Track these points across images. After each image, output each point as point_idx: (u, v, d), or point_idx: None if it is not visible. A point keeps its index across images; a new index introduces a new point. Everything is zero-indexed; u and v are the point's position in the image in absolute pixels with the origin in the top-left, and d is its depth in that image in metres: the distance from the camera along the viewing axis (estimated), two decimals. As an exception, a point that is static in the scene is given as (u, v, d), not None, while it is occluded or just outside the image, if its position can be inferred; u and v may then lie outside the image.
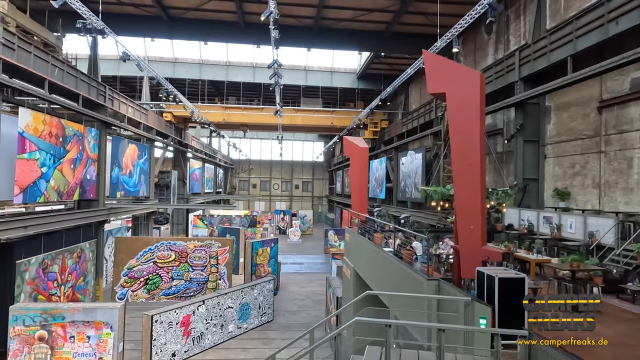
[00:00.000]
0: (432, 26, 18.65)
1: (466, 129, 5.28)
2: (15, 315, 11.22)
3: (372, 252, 8.70)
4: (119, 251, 18.13)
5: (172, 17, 17.75)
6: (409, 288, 5.81)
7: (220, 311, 14.43)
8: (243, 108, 28.51)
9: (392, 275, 7.18)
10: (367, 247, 9.36)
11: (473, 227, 5.15)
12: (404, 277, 6.18)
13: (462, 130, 5.32)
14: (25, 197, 12.81)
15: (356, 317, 4.57)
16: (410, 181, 23.06)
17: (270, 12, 10.15)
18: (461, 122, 5.33)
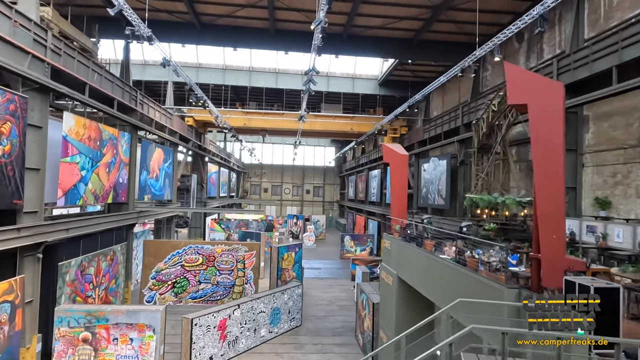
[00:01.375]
0: (461, 34, 18.81)
1: (549, 138, 5.37)
2: (61, 317, 11.37)
3: (425, 259, 8.75)
4: (148, 254, 18.27)
5: (203, 24, 18.00)
6: (483, 296, 5.87)
7: (253, 315, 14.52)
8: (264, 113, 28.73)
9: (454, 283, 7.23)
10: (416, 254, 9.42)
11: (556, 237, 5.22)
12: (475, 286, 6.23)
13: (544, 140, 5.40)
14: (66, 200, 13.00)
15: (472, 324, 4.58)
16: (433, 188, 23.08)
17: (320, 21, 10.32)
18: (543, 132, 5.41)
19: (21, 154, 10.53)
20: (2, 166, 9.88)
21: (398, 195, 12.43)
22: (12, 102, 10.11)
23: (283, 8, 16.60)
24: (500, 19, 17.16)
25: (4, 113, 9.87)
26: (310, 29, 18.55)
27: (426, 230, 9.71)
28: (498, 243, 7.10)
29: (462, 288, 7.00)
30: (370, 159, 40.98)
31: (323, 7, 10.01)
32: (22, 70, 10.21)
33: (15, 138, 10.28)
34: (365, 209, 42.58)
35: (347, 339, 15.67)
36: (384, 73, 25.83)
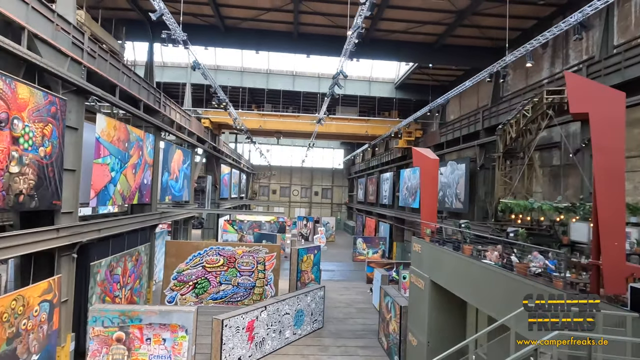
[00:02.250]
0: (483, 39, 18.88)
1: (610, 146, 5.45)
2: (95, 316, 11.51)
3: (464, 263, 8.82)
4: (169, 255, 18.41)
5: (227, 27, 18.15)
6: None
7: (279, 317, 14.61)
8: (279, 115, 28.88)
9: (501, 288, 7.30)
10: (453, 258, 9.48)
11: (618, 244, 5.29)
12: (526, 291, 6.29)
13: (606, 148, 5.48)
14: (98, 200, 13.15)
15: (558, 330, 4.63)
16: (450, 191, 23.11)
17: (358, 27, 10.43)
18: (605, 140, 5.49)
19: (60, 156, 10.69)
20: (44, 167, 10.03)
21: (428, 199, 12.50)
22: (53, 104, 10.28)
23: (308, 12, 16.73)
24: (523, 24, 17.23)
25: (46, 115, 10.03)
26: (334, 33, 18.79)
27: (463, 235, 9.77)
28: (553, 249, 7.16)
29: (511, 293, 7.07)
30: (382, 161, 41.03)
31: (361, 13, 10.13)
32: (64, 72, 10.37)
33: (55, 140, 10.45)
34: (375, 212, 42.60)
35: (369, 342, 15.73)
36: (401, 76, 25.93)
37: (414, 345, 11.68)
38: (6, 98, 8.59)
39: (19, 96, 8.98)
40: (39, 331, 9.98)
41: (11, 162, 8.86)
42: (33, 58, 9.16)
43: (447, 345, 11.16)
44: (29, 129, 9.42)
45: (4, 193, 8.68)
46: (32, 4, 9.37)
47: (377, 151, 41.20)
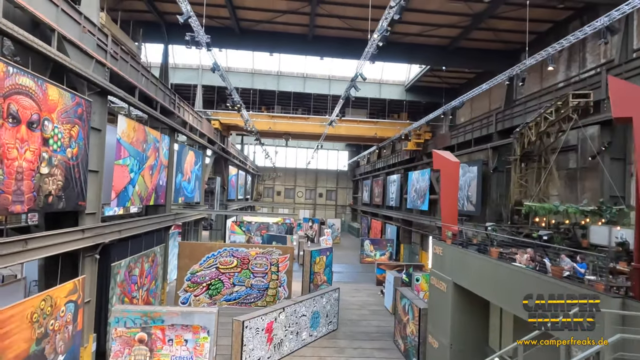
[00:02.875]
0: (497, 42, 18.94)
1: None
2: (117, 317, 11.53)
3: (492, 266, 8.84)
4: (183, 256, 18.46)
5: (243, 29, 18.21)
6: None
7: (296, 319, 14.63)
8: (289, 117, 28.95)
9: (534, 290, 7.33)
10: (480, 261, 9.50)
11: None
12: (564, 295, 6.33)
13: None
14: (118, 201, 13.20)
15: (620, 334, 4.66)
16: (461, 194, 23.11)
17: (384, 30, 10.47)
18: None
19: (85, 157, 10.74)
20: (71, 168, 10.08)
21: (449, 202, 12.53)
22: (80, 105, 10.33)
23: (324, 14, 16.78)
24: (538, 27, 17.28)
25: (73, 116, 10.08)
26: (348, 35, 18.85)
27: (489, 238, 9.80)
28: (592, 252, 7.19)
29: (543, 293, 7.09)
30: (389, 163, 41.05)
31: (387, 17, 10.18)
32: (91, 74, 10.43)
33: (81, 141, 10.50)
34: (382, 213, 42.61)
35: (385, 344, 15.74)
36: (412, 79, 25.97)
37: (435, 348, 11.69)
38: (38, 99, 8.64)
39: (49, 98, 9.04)
40: (64, 331, 10.02)
41: (42, 163, 8.91)
42: (64, 60, 9.21)
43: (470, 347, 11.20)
44: (58, 130, 9.47)
45: (35, 194, 8.73)
46: (61, 6, 9.43)
47: (383, 153, 41.22)
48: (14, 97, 7.92)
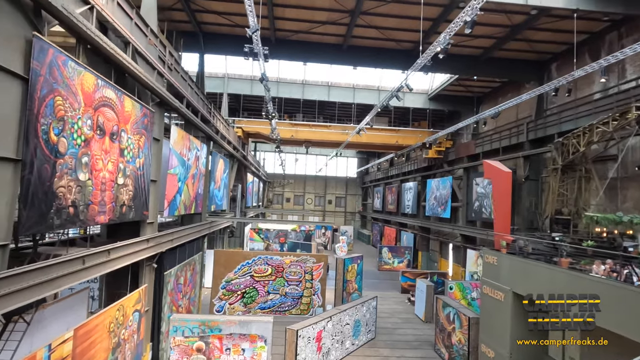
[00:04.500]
0: (530, 52, 19.19)
1: None
2: (175, 326, 11.57)
3: (562, 276, 8.96)
4: (218, 264, 18.50)
5: (278, 39, 18.42)
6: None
7: (341, 327, 14.66)
8: (311, 125, 29.14)
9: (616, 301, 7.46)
10: (546, 271, 9.61)
11: None
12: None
13: None
14: (169, 210, 13.29)
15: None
16: (488, 202, 23.23)
17: (446, 42, 10.67)
18: None
19: (149, 167, 10.85)
20: (139, 178, 10.19)
21: (502, 211, 12.65)
22: (146, 116, 10.47)
23: (363, 25, 17.00)
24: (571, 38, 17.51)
25: (141, 127, 10.21)
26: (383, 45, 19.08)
27: (556, 248, 9.92)
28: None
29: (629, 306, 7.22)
30: (403, 171, 41.23)
31: (450, 31, 10.38)
32: (157, 85, 10.57)
33: (146, 151, 10.62)
34: (396, 220, 42.71)
35: (426, 352, 15.76)
36: (437, 88, 26.21)
37: (491, 357, 11.74)
38: (117, 111, 8.78)
39: (125, 109, 9.18)
40: (131, 341, 10.07)
41: (119, 174, 9.03)
42: (139, 72, 9.35)
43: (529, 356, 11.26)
44: (130, 141, 9.60)
45: (114, 204, 8.83)
46: (135, 20, 9.59)
47: (395, 160, 41.38)
48: (101, 109, 8.06)
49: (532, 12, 14.60)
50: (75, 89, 7.08)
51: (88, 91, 7.50)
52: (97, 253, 7.81)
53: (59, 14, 6.32)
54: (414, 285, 25.30)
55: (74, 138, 7.10)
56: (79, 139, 7.29)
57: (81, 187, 7.40)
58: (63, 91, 6.70)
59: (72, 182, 7.11)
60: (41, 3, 6.01)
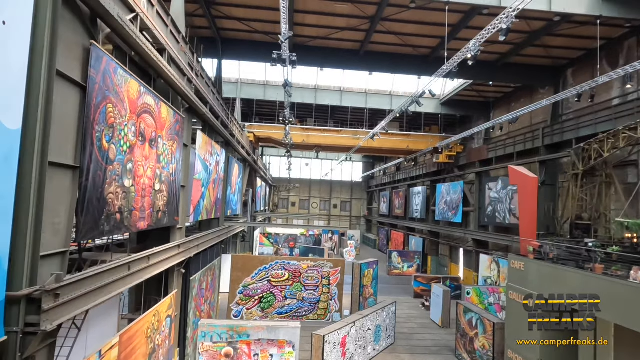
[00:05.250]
0: (546, 57, 19.29)
1: None
2: (204, 332, 11.58)
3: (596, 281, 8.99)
4: (236, 269, 18.48)
5: (296, 45, 18.50)
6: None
7: (363, 332, 14.66)
8: (322, 130, 29.25)
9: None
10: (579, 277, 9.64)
11: None
12: None
13: None
14: (194, 216, 13.32)
15: None
16: (502, 207, 23.28)
17: (476, 50, 10.76)
18: None
19: (179, 173, 10.90)
20: (172, 184, 10.24)
21: (528, 217, 12.69)
22: (178, 122, 10.54)
23: (382, 31, 17.11)
24: (589, 44, 17.63)
25: (174, 133, 10.27)
26: (401, 51, 19.19)
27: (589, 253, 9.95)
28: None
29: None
30: (411, 175, 41.27)
31: (480, 39, 10.47)
32: (189, 91, 10.64)
33: (178, 157, 10.68)
34: (404, 225, 42.71)
35: (447, 358, 15.73)
36: (450, 93, 26.28)
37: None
38: (155, 118, 8.85)
39: (161, 115, 9.24)
40: (164, 347, 10.08)
41: (156, 180, 9.07)
42: (175, 78, 9.42)
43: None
44: (165, 147, 9.66)
45: (152, 210, 8.87)
46: (170, 27, 9.68)
47: (404, 165, 41.45)
48: (142, 116, 8.12)
49: (555, 19, 14.70)
50: (123, 96, 7.15)
51: (132, 98, 7.57)
52: (140, 259, 7.84)
53: (113, 23, 6.39)
54: (427, 290, 25.31)
55: (120, 145, 7.16)
56: (125, 145, 7.35)
57: (126, 194, 7.45)
58: (113, 98, 6.77)
59: (119, 188, 7.16)
60: (98, 12, 6.08)
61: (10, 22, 4.33)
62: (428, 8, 14.79)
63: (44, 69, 4.90)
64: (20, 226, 4.65)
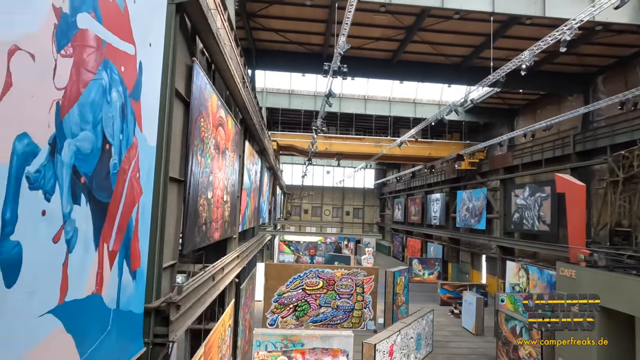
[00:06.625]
0: (577, 65, 19.41)
1: None
2: (259, 341, 11.68)
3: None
4: (270, 277, 18.57)
5: (329, 55, 18.74)
6: None
7: (407, 341, 14.68)
8: (345, 138, 29.44)
9: None
10: None
11: None
12: None
13: None
14: (242, 225, 13.45)
15: None
16: (529, 213, 23.28)
17: (531, 60, 10.91)
18: None
19: (237, 183, 11.06)
20: (233, 194, 10.39)
21: (577, 225, 12.74)
22: (237, 133, 10.72)
23: (417, 41, 17.32)
24: (621, 52, 17.77)
25: (235, 144, 10.43)
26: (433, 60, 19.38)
27: None
28: None
29: None
30: (428, 182, 41.32)
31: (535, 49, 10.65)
32: (247, 103, 10.82)
33: (236, 167, 10.84)
34: (421, 232, 42.68)
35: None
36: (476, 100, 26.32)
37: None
38: (226, 130, 9.02)
39: (228, 128, 9.41)
40: (227, 356, 10.16)
41: (224, 191, 9.23)
42: (241, 90, 9.60)
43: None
44: (229, 158, 9.82)
45: (222, 221, 9.01)
46: (232, 40, 9.87)
47: (422, 172, 41.48)
48: (218, 129, 8.30)
49: (597, 28, 14.86)
50: (209, 111, 7.33)
51: (213, 112, 7.75)
52: (219, 269, 7.96)
53: (209, 39, 6.58)
54: (453, 298, 25.30)
55: (207, 157, 7.32)
56: (209, 158, 7.52)
57: (208, 206, 7.61)
58: (204, 113, 6.95)
59: (205, 200, 7.31)
60: (198, 28, 6.28)
61: (153, 44, 4.52)
62: (468, 18, 14.97)
63: (168, 86, 5.08)
64: (152, 239, 4.79)
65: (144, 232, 4.46)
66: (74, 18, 2.91)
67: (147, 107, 4.38)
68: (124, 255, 3.95)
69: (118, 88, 3.67)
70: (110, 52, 3.48)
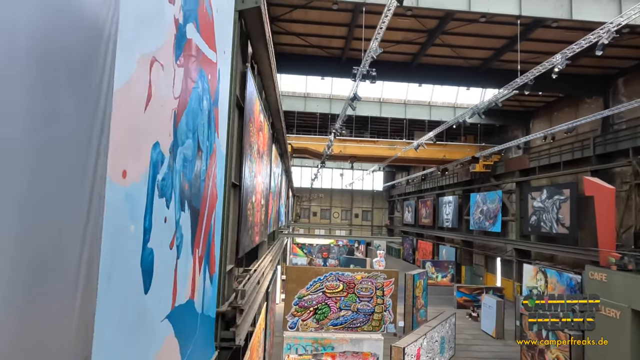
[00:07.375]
0: (596, 67, 19.35)
1: None
2: (289, 344, 11.71)
3: None
4: (290, 280, 18.53)
5: (348, 58, 18.83)
6: None
7: (432, 344, 14.66)
8: (359, 141, 29.46)
9: None
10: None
11: None
12: None
13: None
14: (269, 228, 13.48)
15: None
16: (547, 216, 23.18)
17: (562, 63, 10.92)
18: None
19: (268, 186, 11.11)
20: (266, 198, 10.44)
21: (606, 228, 12.69)
22: (269, 138, 10.75)
23: (438, 44, 17.34)
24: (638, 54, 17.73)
25: (267, 148, 10.48)
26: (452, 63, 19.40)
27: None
28: None
29: None
30: (439, 184, 41.24)
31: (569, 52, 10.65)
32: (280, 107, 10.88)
33: (268, 171, 10.90)
34: (432, 234, 42.55)
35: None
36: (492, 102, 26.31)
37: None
38: (263, 134, 9.09)
39: (264, 132, 9.48)
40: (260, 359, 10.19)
41: (262, 195, 9.27)
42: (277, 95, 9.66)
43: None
44: (265, 161, 9.88)
45: (260, 224, 9.05)
46: (268, 45, 9.92)
47: (433, 174, 41.43)
48: (259, 133, 8.36)
49: (624, 31, 14.81)
50: (254, 116, 7.39)
51: (257, 116, 7.82)
52: (260, 273, 8.01)
53: (259, 44, 6.65)
54: (470, 301, 25.20)
55: (252, 162, 7.38)
56: (254, 162, 7.57)
57: (252, 210, 7.66)
58: (252, 117, 7.01)
59: (250, 204, 7.37)
60: (251, 36, 6.34)
61: (227, 51, 4.57)
62: (493, 21, 14.98)
63: (232, 92, 5.14)
64: (222, 244, 4.84)
65: (217, 237, 4.51)
66: (184, 29, 2.97)
67: (221, 114, 4.45)
68: (207, 261, 4.00)
69: (207, 96, 3.73)
70: (203, 60, 3.54)
